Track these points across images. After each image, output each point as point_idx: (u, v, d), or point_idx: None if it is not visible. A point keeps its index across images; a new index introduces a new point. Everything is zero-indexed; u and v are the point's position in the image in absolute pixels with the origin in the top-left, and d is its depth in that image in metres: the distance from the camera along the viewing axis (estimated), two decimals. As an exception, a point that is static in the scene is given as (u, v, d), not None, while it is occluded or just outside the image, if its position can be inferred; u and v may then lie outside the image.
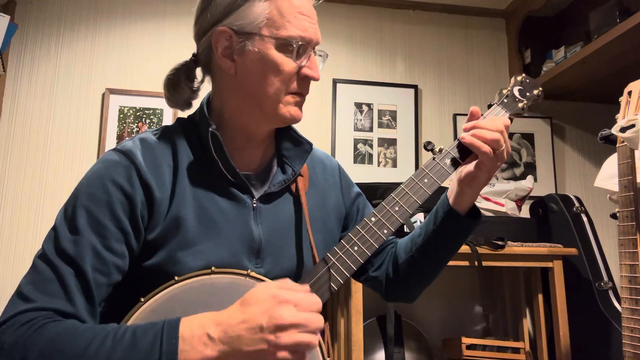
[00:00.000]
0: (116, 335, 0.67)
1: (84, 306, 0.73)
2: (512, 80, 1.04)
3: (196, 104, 0.96)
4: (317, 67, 0.88)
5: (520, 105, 1.00)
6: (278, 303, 0.67)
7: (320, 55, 0.90)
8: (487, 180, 0.90)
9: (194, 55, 0.92)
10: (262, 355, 0.66)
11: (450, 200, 0.93)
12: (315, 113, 2.50)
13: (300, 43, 0.83)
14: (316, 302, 0.70)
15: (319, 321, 0.69)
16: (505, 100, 1.00)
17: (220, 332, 0.66)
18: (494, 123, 0.88)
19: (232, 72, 0.85)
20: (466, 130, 0.90)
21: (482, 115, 0.96)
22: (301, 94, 0.88)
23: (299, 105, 0.88)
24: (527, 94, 1.02)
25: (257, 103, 0.86)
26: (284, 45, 0.83)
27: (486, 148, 0.86)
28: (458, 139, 0.92)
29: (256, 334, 0.66)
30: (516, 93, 1.02)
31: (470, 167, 0.90)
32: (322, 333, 0.80)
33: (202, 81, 0.94)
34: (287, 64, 0.83)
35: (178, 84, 0.92)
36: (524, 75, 1.05)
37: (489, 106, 1.00)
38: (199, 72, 0.94)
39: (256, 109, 0.87)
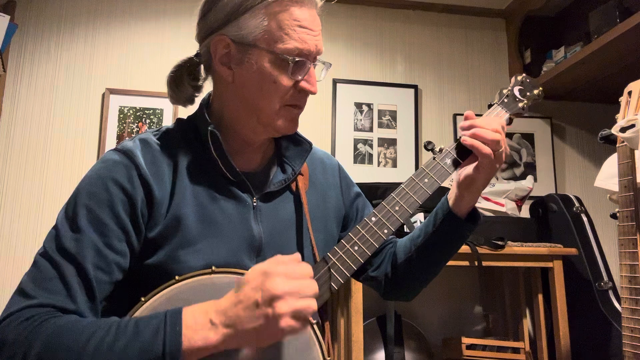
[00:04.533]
0: (119, 326, 0.67)
1: (85, 303, 0.73)
2: (513, 80, 1.03)
3: (198, 100, 0.95)
4: (315, 80, 0.87)
5: (520, 105, 1.00)
6: (268, 277, 0.68)
7: (322, 63, 0.90)
8: (485, 183, 0.90)
9: (197, 53, 0.92)
10: (266, 330, 0.66)
11: (450, 203, 0.93)
12: (315, 113, 2.50)
13: (297, 59, 0.82)
14: (306, 269, 0.71)
15: (312, 286, 0.69)
16: (505, 100, 1.00)
17: (220, 316, 0.67)
18: (490, 123, 0.88)
19: (229, 80, 0.85)
20: (463, 128, 0.90)
21: (482, 116, 0.96)
22: (298, 106, 0.87)
23: (295, 117, 0.88)
24: (528, 93, 1.02)
25: (254, 112, 0.86)
26: (280, 60, 0.82)
27: (487, 150, 0.86)
28: (458, 139, 0.91)
29: (253, 310, 0.66)
30: (516, 93, 1.01)
31: (468, 170, 0.90)
32: (323, 333, 0.80)
33: (206, 79, 0.94)
34: (283, 78, 0.83)
35: (181, 82, 0.92)
36: (524, 75, 1.04)
37: (489, 106, 1.00)
38: (202, 68, 0.93)
39: (253, 118, 0.87)
